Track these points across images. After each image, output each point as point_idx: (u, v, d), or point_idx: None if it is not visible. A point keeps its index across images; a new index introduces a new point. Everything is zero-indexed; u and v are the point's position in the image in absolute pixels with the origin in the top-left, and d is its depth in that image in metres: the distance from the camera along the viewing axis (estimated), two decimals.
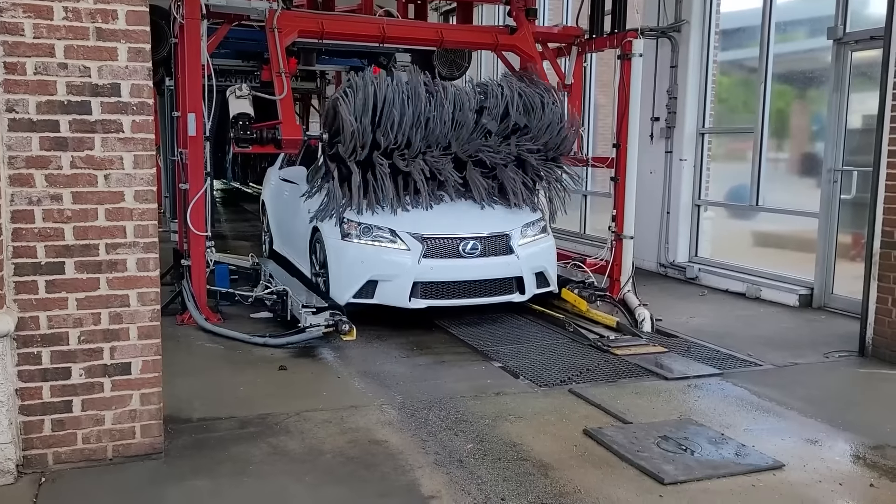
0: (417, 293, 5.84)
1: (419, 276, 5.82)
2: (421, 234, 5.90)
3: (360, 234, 5.94)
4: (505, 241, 6.13)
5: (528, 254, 6.20)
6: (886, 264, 5.30)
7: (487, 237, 6.08)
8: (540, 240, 6.42)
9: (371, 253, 5.89)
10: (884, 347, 5.35)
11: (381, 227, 5.95)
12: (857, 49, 6.78)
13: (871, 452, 3.85)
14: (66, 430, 3.42)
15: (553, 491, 3.35)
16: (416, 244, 5.86)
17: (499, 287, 6.10)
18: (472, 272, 5.98)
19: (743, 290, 7.61)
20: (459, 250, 5.94)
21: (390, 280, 5.84)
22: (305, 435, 3.92)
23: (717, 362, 5.30)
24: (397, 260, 5.86)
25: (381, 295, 5.87)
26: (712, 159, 8.68)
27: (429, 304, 5.88)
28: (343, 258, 5.99)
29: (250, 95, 6.31)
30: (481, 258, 5.99)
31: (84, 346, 3.40)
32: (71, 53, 3.26)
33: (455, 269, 5.94)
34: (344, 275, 5.96)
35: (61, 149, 3.29)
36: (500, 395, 4.60)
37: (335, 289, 6.00)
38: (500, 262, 6.06)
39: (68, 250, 3.33)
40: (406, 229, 5.93)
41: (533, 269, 6.23)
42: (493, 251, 6.07)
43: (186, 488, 3.33)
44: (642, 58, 6.82)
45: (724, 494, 3.35)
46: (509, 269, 6.10)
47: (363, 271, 5.86)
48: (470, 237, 5.99)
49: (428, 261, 5.84)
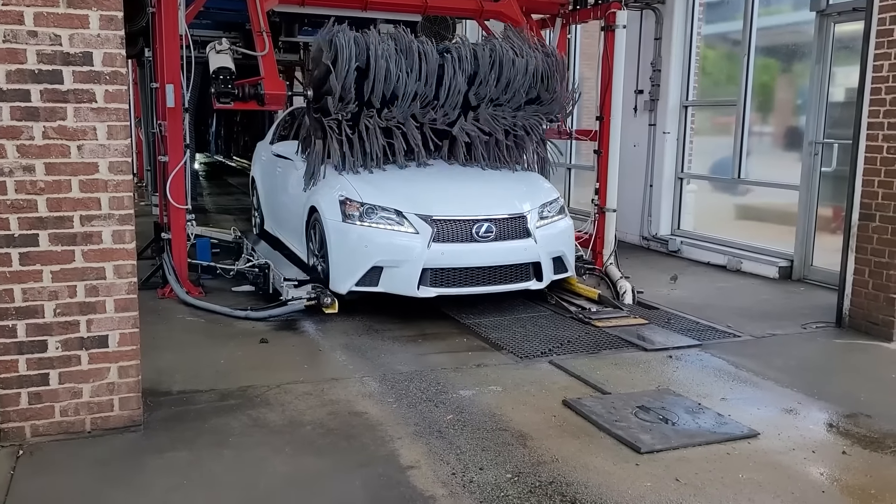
0: (427, 281, 5.40)
1: (429, 261, 5.36)
2: (430, 216, 5.43)
3: (362, 215, 5.48)
4: (521, 224, 5.67)
5: (546, 237, 5.75)
6: (864, 236, 5.34)
7: (503, 219, 5.61)
8: (557, 221, 5.98)
9: (376, 236, 5.42)
10: (860, 318, 5.41)
11: (386, 207, 5.49)
12: (839, 21, 6.77)
13: (845, 421, 3.91)
14: (43, 403, 3.41)
15: (531, 460, 3.39)
16: (424, 227, 5.39)
17: (514, 273, 5.66)
18: (487, 257, 5.52)
19: (724, 262, 7.67)
20: (473, 233, 5.47)
21: (397, 266, 5.37)
22: (286, 407, 3.93)
23: (697, 334, 5.35)
24: (405, 244, 5.37)
25: (387, 282, 5.41)
26: (695, 132, 8.69)
27: (439, 292, 5.45)
28: (345, 242, 5.52)
29: (231, 50, 6.19)
30: (496, 242, 5.53)
31: (60, 319, 3.37)
32: (41, 21, 3.19)
33: (468, 255, 5.47)
34: (345, 260, 5.49)
35: (33, 119, 3.23)
36: (481, 366, 4.62)
37: (335, 275, 5.55)
38: (516, 246, 5.60)
39: (42, 222, 3.29)
40: (414, 210, 5.45)
41: (551, 254, 5.78)
42: (509, 234, 5.61)
43: (165, 460, 3.34)
44: (626, 30, 6.79)
45: (699, 462, 3.40)
46: (526, 254, 5.64)
47: (367, 256, 5.39)
48: (484, 219, 5.52)
49: (438, 245, 5.38)
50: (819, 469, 3.39)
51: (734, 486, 3.19)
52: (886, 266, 5.19)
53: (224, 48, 6.14)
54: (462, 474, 3.24)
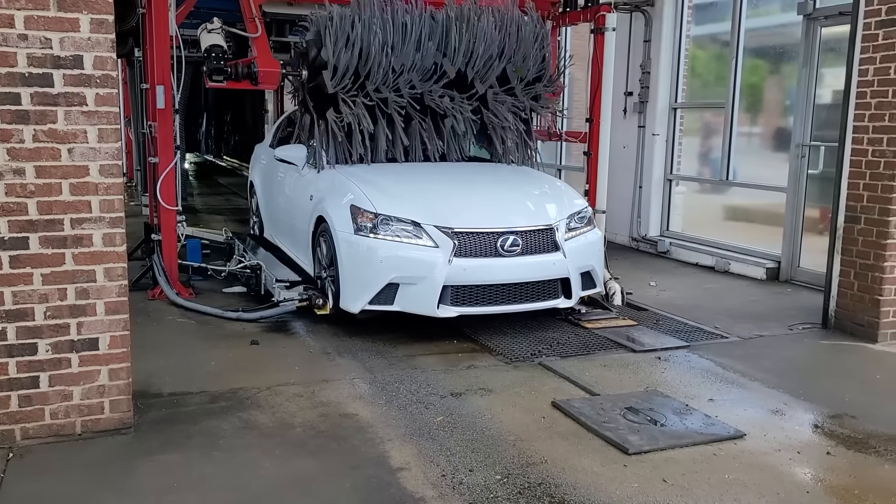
0: (447, 299, 4.97)
1: (450, 278, 4.93)
2: (451, 228, 5.01)
3: (376, 226, 5.06)
4: (550, 236, 5.24)
5: (575, 250, 5.32)
6: (849, 238, 5.40)
7: (530, 231, 5.19)
8: (587, 233, 5.55)
9: (392, 249, 4.99)
10: (846, 319, 5.47)
11: (402, 218, 5.07)
12: (826, 25, 6.84)
13: (830, 421, 3.96)
14: (33, 406, 3.41)
15: (520, 462, 3.41)
16: (445, 240, 4.97)
17: (541, 290, 5.24)
18: (513, 273, 5.10)
19: (712, 263, 7.72)
20: (497, 247, 5.05)
21: (415, 283, 4.95)
22: (276, 409, 3.95)
23: (685, 335, 5.39)
24: (425, 258, 4.96)
25: (403, 301, 4.99)
26: (684, 134, 8.74)
27: (460, 311, 5.03)
28: (357, 256, 5.08)
29: (222, 29, 6.16)
30: (523, 256, 5.11)
31: (50, 322, 3.37)
32: (31, 24, 3.19)
33: (492, 270, 5.05)
34: (358, 276, 5.06)
35: (23, 122, 3.24)
36: (471, 368, 4.65)
37: (346, 293, 5.12)
38: (544, 260, 5.18)
39: (32, 225, 3.29)
40: (432, 222, 5.04)
41: (580, 269, 5.36)
42: (537, 248, 5.18)
43: (156, 463, 3.35)
44: (616, 32, 6.82)
45: (686, 463, 3.43)
46: (555, 270, 5.22)
47: (382, 272, 4.95)
48: (509, 231, 5.11)
49: (461, 260, 4.96)
50: (804, 470, 3.43)
51: (720, 487, 3.23)
52: (871, 268, 5.25)
53: (215, 27, 6.11)
54: (452, 476, 3.27)
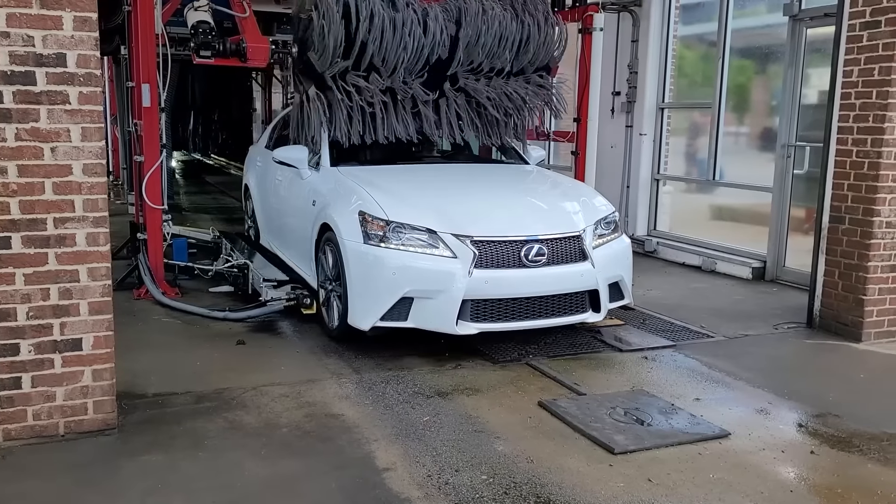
0: (466, 315, 4.61)
1: (470, 292, 4.56)
2: (470, 237, 4.63)
3: (387, 235, 4.69)
4: (577, 244, 4.87)
5: (604, 259, 4.95)
6: (834, 238, 5.44)
7: (556, 239, 4.81)
8: (615, 240, 5.19)
9: (405, 260, 4.61)
10: (830, 319, 5.51)
11: (416, 226, 4.69)
12: (811, 26, 6.88)
13: (814, 421, 3.99)
14: (15, 407, 3.39)
15: (506, 461, 3.42)
16: (464, 250, 4.60)
17: (568, 304, 4.87)
18: (538, 286, 4.73)
19: (699, 263, 7.76)
20: (521, 257, 4.68)
21: (431, 297, 4.56)
22: (262, 409, 3.93)
23: (671, 334, 5.42)
24: (442, 270, 4.57)
25: (418, 317, 4.60)
26: (672, 134, 8.78)
27: (480, 328, 4.65)
28: (367, 268, 4.69)
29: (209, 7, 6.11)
30: (548, 267, 4.74)
31: (33, 322, 3.35)
32: (13, 22, 3.16)
33: (516, 283, 4.68)
34: (368, 290, 4.67)
35: (5, 120, 3.21)
36: (458, 368, 4.65)
37: (356, 308, 4.72)
38: (572, 271, 4.81)
39: (14, 225, 3.27)
40: (449, 230, 4.66)
41: (609, 280, 5.00)
42: (564, 258, 4.81)
43: (141, 463, 3.33)
44: (603, 32, 6.86)
45: (671, 462, 3.45)
46: (583, 281, 4.85)
47: (395, 285, 4.57)
48: (533, 240, 4.73)
49: (481, 272, 4.58)
50: (788, 469, 3.46)
51: (705, 486, 3.24)
52: (856, 268, 5.29)
53: (202, 5, 6.08)
54: (438, 476, 3.27)
